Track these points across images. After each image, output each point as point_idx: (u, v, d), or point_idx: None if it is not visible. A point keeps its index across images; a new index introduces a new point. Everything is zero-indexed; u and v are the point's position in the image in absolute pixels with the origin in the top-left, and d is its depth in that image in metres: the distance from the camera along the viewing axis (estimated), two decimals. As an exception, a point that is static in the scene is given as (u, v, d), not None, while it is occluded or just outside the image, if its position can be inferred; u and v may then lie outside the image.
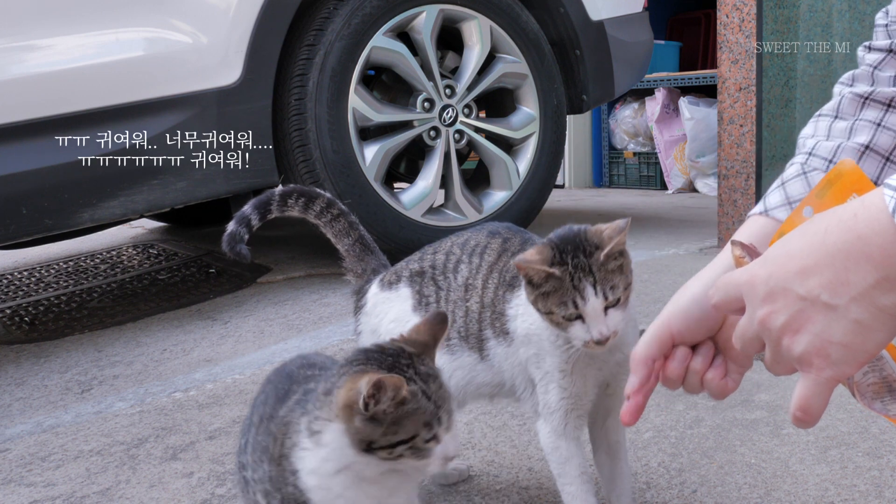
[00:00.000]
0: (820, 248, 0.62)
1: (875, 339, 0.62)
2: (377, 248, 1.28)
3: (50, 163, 2.11)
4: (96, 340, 2.32)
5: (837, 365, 0.64)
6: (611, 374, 1.06)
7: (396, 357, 0.83)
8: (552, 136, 2.90)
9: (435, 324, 0.88)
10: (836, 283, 0.61)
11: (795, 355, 0.65)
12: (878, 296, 0.59)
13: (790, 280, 0.64)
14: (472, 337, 1.11)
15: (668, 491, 1.27)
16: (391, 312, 1.17)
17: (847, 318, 0.61)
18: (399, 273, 1.18)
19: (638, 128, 5.18)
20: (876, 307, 0.60)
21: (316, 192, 1.28)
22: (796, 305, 0.64)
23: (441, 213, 2.70)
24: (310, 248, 3.24)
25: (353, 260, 1.27)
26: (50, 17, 2.16)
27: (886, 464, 1.29)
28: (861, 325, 0.61)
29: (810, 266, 0.63)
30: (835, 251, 0.61)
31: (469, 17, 2.69)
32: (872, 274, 0.59)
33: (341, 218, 1.28)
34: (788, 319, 0.64)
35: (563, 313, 0.96)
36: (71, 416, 1.78)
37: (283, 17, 2.38)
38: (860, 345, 0.62)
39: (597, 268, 0.96)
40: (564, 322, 0.97)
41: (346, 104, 2.48)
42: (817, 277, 0.62)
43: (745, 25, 2.75)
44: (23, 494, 1.43)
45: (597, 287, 0.96)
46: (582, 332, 0.97)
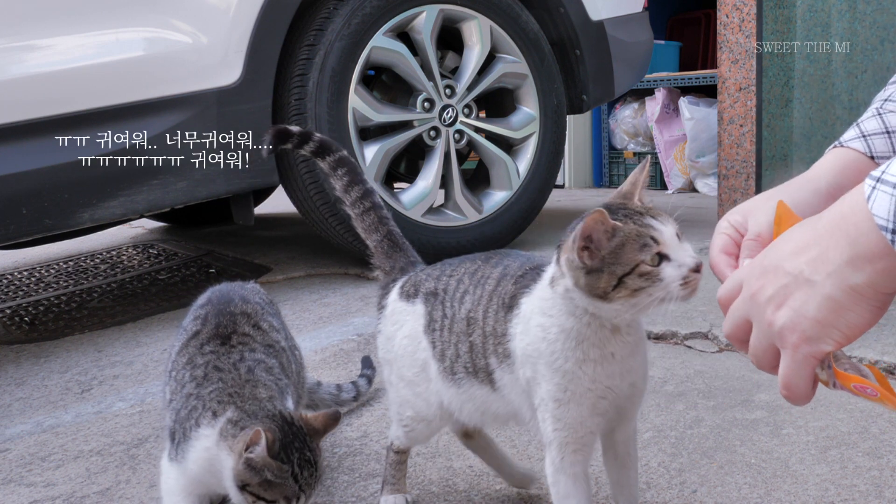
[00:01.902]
0: (813, 230, 0.66)
1: (846, 319, 0.64)
2: (407, 245, 1.25)
3: (50, 163, 2.11)
4: (96, 340, 2.32)
5: (811, 342, 0.66)
6: (624, 396, 1.00)
7: (299, 430, 1.08)
8: (552, 136, 2.90)
9: (328, 419, 1.11)
10: (817, 260, 0.64)
11: (776, 329, 0.68)
12: (849, 273, 0.62)
13: (783, 258, 0.67)
14: (481, 371, 1.07)
15: (668, 491, 1.27)
16: (405, 328, 1.16)
17: (822, 293, 0.64)
18: (417, 287, 1.16)
19: (638, 128, 5.18)
20: (847, 284, 0.62)
21: (360, 178, 1.27)
22: (783, 280, 0.67)
23: (441, 213, 2.70)
24: (310, 248, 3.24)
25: (382, 256, 1.24)
26: (50, 17, 2.16)
27: (886, 464, 1.29)
28: (833, 302, 0.63)
29: (802, 245, 0.66)
30: (822, 231, 0.64)
31: (469, 17, 2.69)
32: (847, 250, 0.62)
33: (372, 211, 1.25)
34: (773, 293, 0.68)
35: (648, 255, 0.88)
36: (71, 416, 1.78)
37: (283, 17, 2.38)
38: (831, 321, 0.64)
39: (644, 207, 0.92)
40: (652, 271, 0.88)
41: (346, 104, 2.48)
42: (805, 255, 0.65)
43: (745, 25, 2.75)
44: (23, 494, 1.43)
45: (657, 218, 0.90)
46: (674, 270, 0.89)
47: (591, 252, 0.90)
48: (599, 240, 0.90)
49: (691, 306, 2.06)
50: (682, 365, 1.77)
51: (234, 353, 1.16)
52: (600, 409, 0.99)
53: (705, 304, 2.07)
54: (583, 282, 0.92)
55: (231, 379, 1.12)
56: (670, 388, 1.65)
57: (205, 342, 1.18)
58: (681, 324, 1.94)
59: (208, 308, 1.23)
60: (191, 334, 1.20)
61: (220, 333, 1.19)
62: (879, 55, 2.50)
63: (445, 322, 1.10)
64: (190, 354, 1.17)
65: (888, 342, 1.70)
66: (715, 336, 1.87)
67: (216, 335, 1.18)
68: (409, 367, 1.16)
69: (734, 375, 1.70)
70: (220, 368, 1.13)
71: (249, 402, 1.10)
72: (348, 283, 2.63)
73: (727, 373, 1.72)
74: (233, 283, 1.33)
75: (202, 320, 1.21)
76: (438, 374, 1.12)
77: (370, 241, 1.26)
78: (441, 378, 1.12)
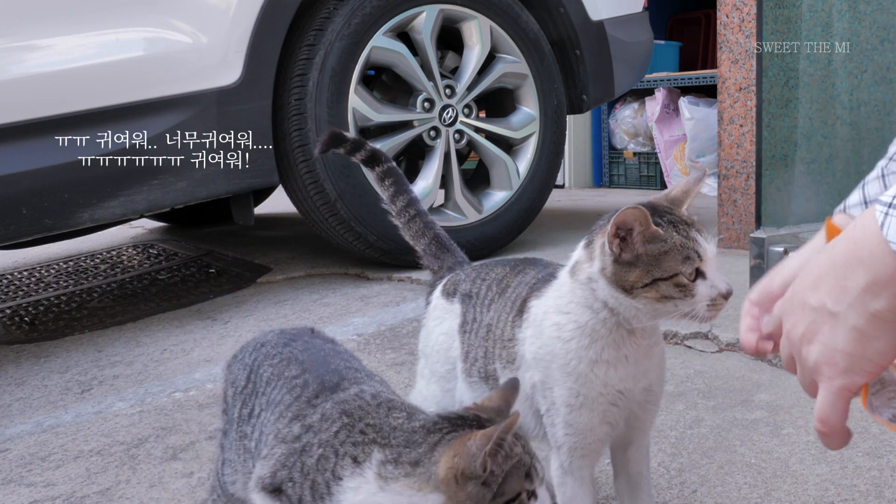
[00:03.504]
0: (828, 259, 0.65)
1: (874, 347, 0.63)
2: (454, 246, 1.31)
3: (50, 163, 2.11)
4: (96, 340, 2.32)
5: (845, 374, 0.65)
6: (637, 403, 1.00)
7: (478, 421, 0.81)
8: (552, 136, 2.90)
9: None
10: (837, 290, 0.64)
11: (810, 365, 0.68)
12: (869, 300, 0.61)
13: (805, 293, 0.67)
14: (490, 378, 1.09)
15: (669, 491, 1.27)
16: (444, 324, 1.18)
17: (847, 325, 0.63)
18: (457, 286, 1.18)
19: (638, 128, 5.18)
20: (869, 312, 0.62)
21: (406, 188, 1.31)
22: (810, 316, 0.67)
23: (441, 212, 2.70)
24: (310, 248, 3.24)
25: (430, 258, 1.29)
26: (50, 17, 2.16)
27: (886, 464, 1.29)
28: (859, 332, 0.63)
29: (820, 277, 0.66)
30: (837, 260, 0.64)
31: (469, 17, 2.69)
32: (864, 277, 0.61)
33: (418, 219, 1.30)
34: (804, 330, 0.67)
35: (689, 269, 0.88)
36: (71, 416, 1.78)
37: (283, 17, 2.38)
38: (861, 352, 0.64)
39: (691, 219, 0.92)
40: (688, 285, 0.88)
41: (347, 104, 2.48)
42: (825, 287, 0.65)
43: (745, 25, 2.75)
44: (23, 494, 1.43)
45: (702, 234, 0.89)
46: (707, 289, 0.89)
47: (623, 243, 0.90)
48: (634, 236, 0.90)
49: (691, 306, 2.06)
50: (682, 365, 1.77)
51: (352, 389, 0.93)
52: (610, 418, 0.99)
53: (705, 304, 2.07)
54: (610, 270, 0.92)
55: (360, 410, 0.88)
56: (670, 388, 1.65)
57: (312, 397, 0.93)
58: (681, 324, 1.94)
59: (305, 375, 0.97)
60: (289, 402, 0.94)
61: (328, 386, 0.95)
62: (879, 55, 2.50)
63: (474, 325, 1.12)
64: (295, 412, 0.93)
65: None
66: (715, 336, 1.87)
67: (324, 389, 0.95)
68: (443, 364, 1.17)
69: (734, 375, 1.70)
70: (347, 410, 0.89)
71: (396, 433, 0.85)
72: (348, 283, 2.63)
73: (727, 373, 1.72)
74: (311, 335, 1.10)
75: (301, 387, 0.95)
76: (461, 373, 1.14)
77: (418, 245, 1.30)
78: (461, 378, 1.14)
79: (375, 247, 2.55)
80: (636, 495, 1.07)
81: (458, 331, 1.15)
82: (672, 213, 0.93)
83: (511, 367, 1.04)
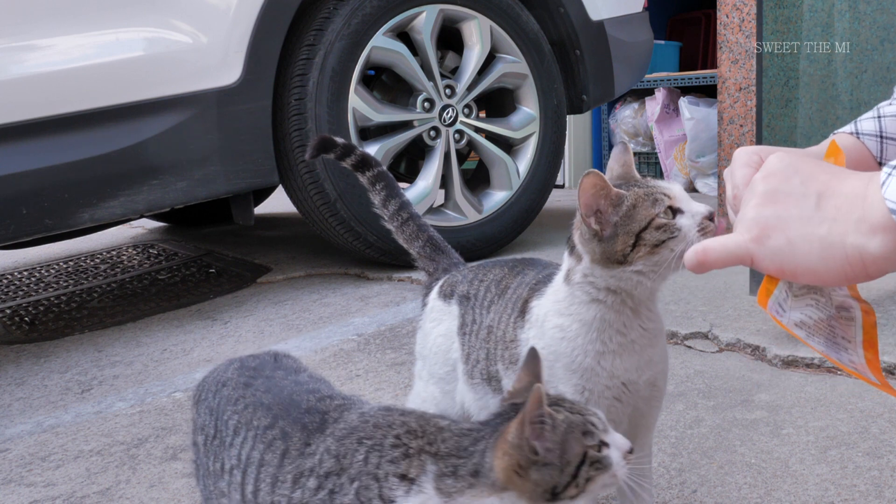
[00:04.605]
0: (837, 174, 0.67)
1: (811, 262, 0.66)
2: (448, 247, 1.31)
3: (50, 163, 2.11)
4: (96, 340, 2.32)
5: (767, 250, 0.68)
6: (642, 399, 1.00)
7: (516, 412, 0.78)
8: (552, 136, 2.90)
9: (530, 363, 0.85)
10: (833, 202, 0.65)
11: (749, 216, 0.70)
12: (851, 230, 0.64)
13: (804, 172, 0.69)
14: (493, 379, 1.09)
15: (668, 491, 1.27)
16: (441, 326, 1.18)
17: (816, 228, 0.65)
18: (454, 287, 1.18)
19: (638, 128, 5.18)
20: (843, 238, 0.64)
21: (397, 192, 1.31)
22: (788, 187, 0.68)
23: (441, 212, 2.70)
24: (310, 248, 3.24)
25: (426, 260, 1.29)
26: (50, 17, 2.16)
27: (886, 464, 1.29)
28: (819, 242, 0.65)
29: (823, 177, 0.67)
30: (849, 184, 0.66)
31: (469, 17, 2.69)
32: (860, 210, 0.63)
33: (411, 222, 1.30)
34: (773, 189, 0.69)
35: (661, 208, 0.90)
36: (71, 416, 1.78)
37: (283, 17, 2.38)
38: (799, 254, 0.66)
39: (643, 178, 0.96)
40: (668, 223, 0.90)
41: (346, 104, 2.48)
42: (820, 184, 0.67)
43: (745, 25, 2.75)
44: (23, 494, 1.43)
45: (661, 181, 0.93)
46: (689, 219, 0.90)
47: (598, 218, 0.92)
48: (603, 210, 0.92)
49: (691, 306, 2.06)
50: (682, 365, 1.77)
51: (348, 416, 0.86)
52: (614, 415, 0.99)
53: (705, 304, 2.07)
54: (598, 252, 0.93)
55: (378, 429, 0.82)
56: (670, 388, 1.65)
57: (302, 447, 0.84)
58: (681, 324, 1.94)
59: (280, 424, 0.87)
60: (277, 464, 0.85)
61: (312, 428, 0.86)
62: (879, 55, 2.50)
63: (474, 327, 1.12)
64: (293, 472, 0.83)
65: (888, 342, 1.69)
66: (715, 336, 1.87)
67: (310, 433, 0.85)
68: (442, 366, 1.17)
69: (734, 375, 1.70)
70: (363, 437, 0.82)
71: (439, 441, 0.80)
72: (348, 283, 2.63)
73: (727, 373, 1.72)
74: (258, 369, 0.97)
75: (281, 438, 0.86)
76: (462, 375, 1.14)
77: (412, 248, 1.30)
78: (463, 380, 1.14)
79: (375, 247, 2.55)
80: (638, 496, 1.07)
81: (458, 332, 1.15)
82: (626, 181, 0.98)
83: (514, 368, 1.04)
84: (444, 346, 1.17)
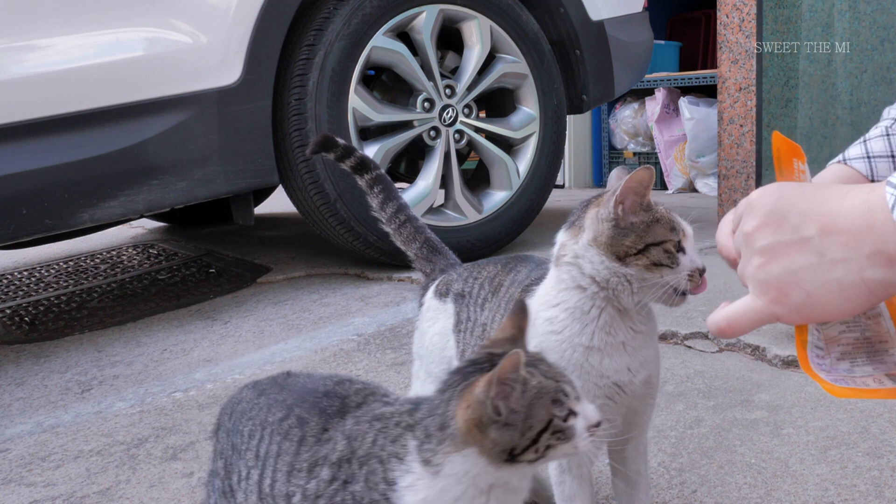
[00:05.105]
0: (837, 206, 0.64)
1: (836, 306, 0.64)
2: (445, 248, 1.32)
3: (50, 163, 2.11)
4: (96, 340, 2.32)
5: (789, 309, 0.66)
6: (638, 398, 1.00)
7: (491, 362, 0.75)
8: (552, 136, 2.90)
9: (517, 315, 0.81)
10: (837, 240, 0.63)
11: (758, 278, 0.68)
12: (866, 266, 0.62)
13: (794, 212, 0.66)
14: None
15: (668, 491, 1.27)
16: (437, 325, 1.18)
17: (829, 273, 0.63)
18: (449, 286, 1.19)
19: (638, 128, 5.18)
20: (860, 276, 0.62)
21: (394, 194, 1.32)
22: (786, 236, 0.66)
23: (441, 213, 2.70)
24: (310, 248, 3.24)
25: (422, 261, 1.30)
26: (50, 17, 2.16)
27: (886, 464, 1.29)
28: (838, 286, 0.63)
29: (821, 215, 0.64)
30: (850, 216, 0.63)
31: (469, 17, 2.69)
32: (870, 244, 0.61)
33: (408, 224, 1.31)
34: (772, 243, 0.67)
35: (676, 238, 0.94)
36: (71, 416, 1.78)
37: (283, 17, 2.38)
38: (822, 303, 0.65)
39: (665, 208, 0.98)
40: (674, 253, 0.93)
41: (346, 104, 2.48)
42: (816, 221, 0.64)
43: (745, 25, 2.75)
44: (23, 494, 1.43)
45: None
46: (688, 262, 0.94)
47: (622, 208, 0.95)
48: (634, 201, 0.94)
49: (691, 306, 2.06)
50: (682, 365, 1.77)
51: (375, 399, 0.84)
52: (608, 413, 0.98)
53: (705, 304, 2.07)
54: (607, 235, 0.95)
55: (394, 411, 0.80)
56: (670, 388, 1.65)
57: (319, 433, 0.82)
58: (681, 324, 1.95)
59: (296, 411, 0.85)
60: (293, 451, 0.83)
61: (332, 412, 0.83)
62: (879, 55, 2.50)
63: (469, 325, 1.13)
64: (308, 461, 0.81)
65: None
66: (715, 336, 1.87)
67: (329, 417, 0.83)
68: (438, 364, 1.18)
69: (734, 375, 1.70)
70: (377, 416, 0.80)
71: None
72: (348, 283, 2.63)
73: (727, 373, 1.72)
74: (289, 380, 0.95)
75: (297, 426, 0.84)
76: None
77: (410, 250, 1.31)
78: None
79: (375, 247, 2.55)
80: (634, 494, 1.07)
81: (453, 330, 1.15)
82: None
83: None
84: (440, 344, 1.17)
